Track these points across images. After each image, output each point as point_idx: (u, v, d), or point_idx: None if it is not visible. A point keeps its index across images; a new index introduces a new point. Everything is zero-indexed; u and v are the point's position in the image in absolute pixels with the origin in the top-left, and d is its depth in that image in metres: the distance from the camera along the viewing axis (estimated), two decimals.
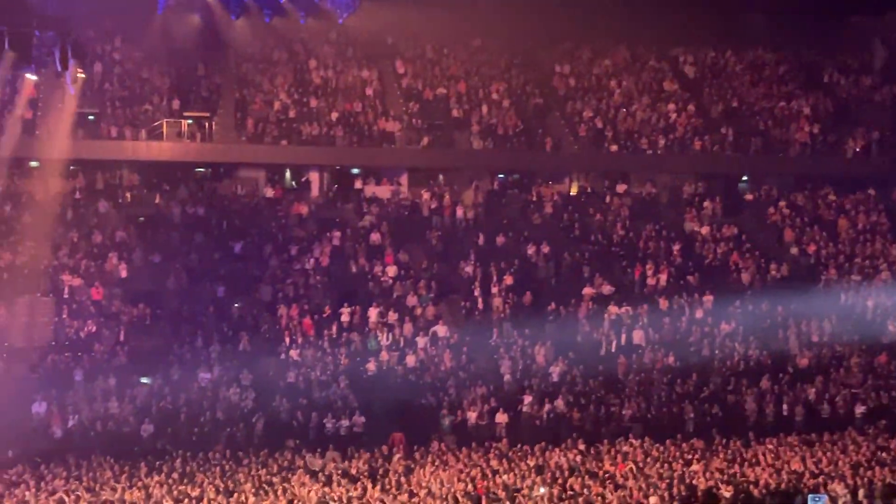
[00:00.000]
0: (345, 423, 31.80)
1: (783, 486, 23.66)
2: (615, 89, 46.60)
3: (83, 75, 30.83)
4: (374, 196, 42.39)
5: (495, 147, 43.61)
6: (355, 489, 25.12)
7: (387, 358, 34.49)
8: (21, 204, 38.77)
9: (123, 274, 37.08)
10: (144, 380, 32.93)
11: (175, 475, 26.81)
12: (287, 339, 35.09)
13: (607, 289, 37.92)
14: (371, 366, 34.18)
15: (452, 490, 24.51)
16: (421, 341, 35.25)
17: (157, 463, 28.13)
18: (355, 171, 43.49)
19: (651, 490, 23.43)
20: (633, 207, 42.66)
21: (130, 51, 44.20)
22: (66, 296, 35.89)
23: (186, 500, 24.16)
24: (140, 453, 29.16)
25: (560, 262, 39.49)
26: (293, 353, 34.50)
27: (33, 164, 39.93)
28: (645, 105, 45.78)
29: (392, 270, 38.52)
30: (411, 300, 37.19)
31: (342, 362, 34.24)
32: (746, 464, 26.62)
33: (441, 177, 44.03)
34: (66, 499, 24.21)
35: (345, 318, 36.12)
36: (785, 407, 32.79)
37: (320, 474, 26.99)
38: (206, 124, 41.78)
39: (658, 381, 33.71)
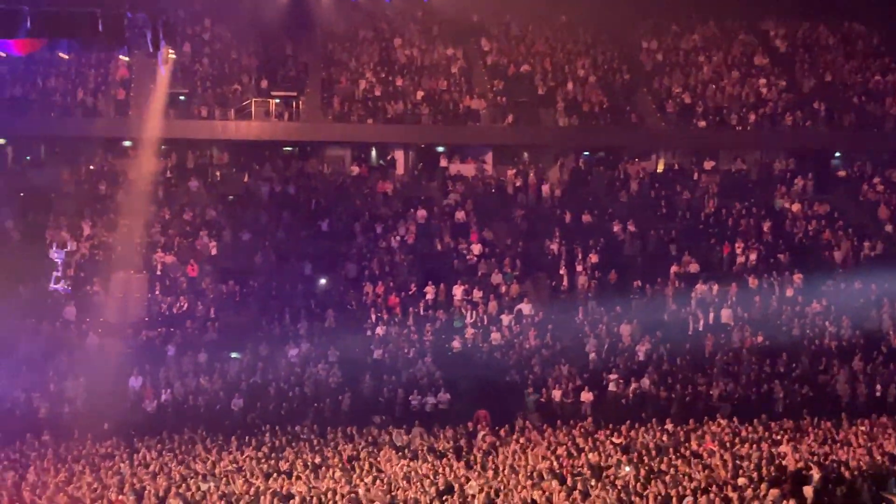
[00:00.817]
0: (430, 399, 31.98)
1: (875, 467, 23.18)
2: (704, 64, 45.91)
3: (174, 56, 31.35)
4: (459, 174, 42.47)
5: (581, 124, 43.31)
6: (441, 465, 25.29)
7: (472, 335, 34.58)
8: (115, 183, 39.72)
9: (213, 251, 37.77)
10: (234, 355, 33.52)
11: (265, 449, 27.28)
12: (373, 316, 35.41)
13: (695, 267, 37.50)
14: (456, 343, 34.32)
15: (537, 468, 24.53)
16: (506, 319, 35.28)
17: (247, 437, 28.61)
18: (440, 148, 43.59)
19: (739, 471, 23.14)
20: (722, 184, 42.03)
21: (220, 31, 44.93)
22: (158, 273, 36.72)
23: (276, 475, 24.59)
24: (230, 427, 29.67)
25: (646, 240, 39.13)
26: (379, 330, 34.81)
27: (127, 143, 40.86)
28: (734, 80, 45.01)
29: (477, 248, 38.57)
30: (496, 278, 37.22)
31: (427, 339, 34.43)
32: (837, 445, 26.14)
33: (526, 154, 43.91)
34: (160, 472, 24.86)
35: (430, 295, 36.32)
36: (878, 388, 32.09)
37: (406, 450, 27.22)
38: (294, 103, 42.26)
39: (747, 361, 33.24)
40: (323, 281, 37.07)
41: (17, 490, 23.79)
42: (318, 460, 25.98)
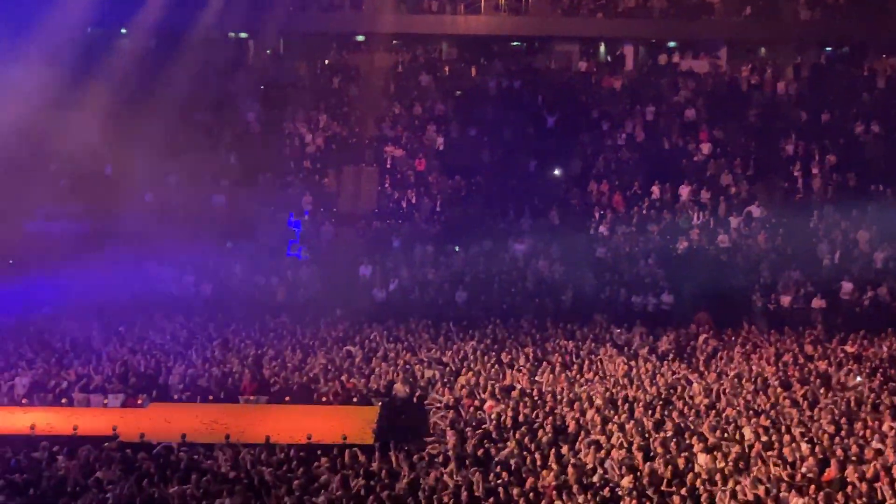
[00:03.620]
0: (652, 300, 31.70)
1: None
2: None
3: None
4: (691, 70, 41.15)
5: (824, 17, 40.91)
6: (662, 367, 25.17)
7: (697, 237, 33.88)
8: (348, 77, 40.75)
9: (441, 146, 38.34)
10: (456, 248, 34.15)
11: (487, 341, 27.88)
12: (597, 215, 35.22)
13: None
14: (681, 244, 33.73)
15: (763, 373, 24.05)
16: (734, 221, 34.32)
17: (470, 329, 29.25)
18: (672, 44, 42.27)
19: None
20: None
21: None
22: (388, 166, 37.67)
23: (498, 366, 25.14)
24: (454, 319, 30.40)
25: (891, 142, 36.89)
26: (602, 229, 34.63)
27: (359, 38, 41.70)
28: None
29: (706, 148, 37.50)
30: (726, 179, 36.15)
31: (652, 239, 33.99)
32: None
33: (763, 50, 42.02)
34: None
35: (655, 194, 35.72)
36: None
37: (627, 350, 27.21)
38: None
39: None
40: (558, 171, 37.03)
41: (258, 367, 25.38)
42: (538, 355, 26.36)
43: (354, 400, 23.67)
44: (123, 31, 39.59)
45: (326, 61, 41.95)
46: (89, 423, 21.45)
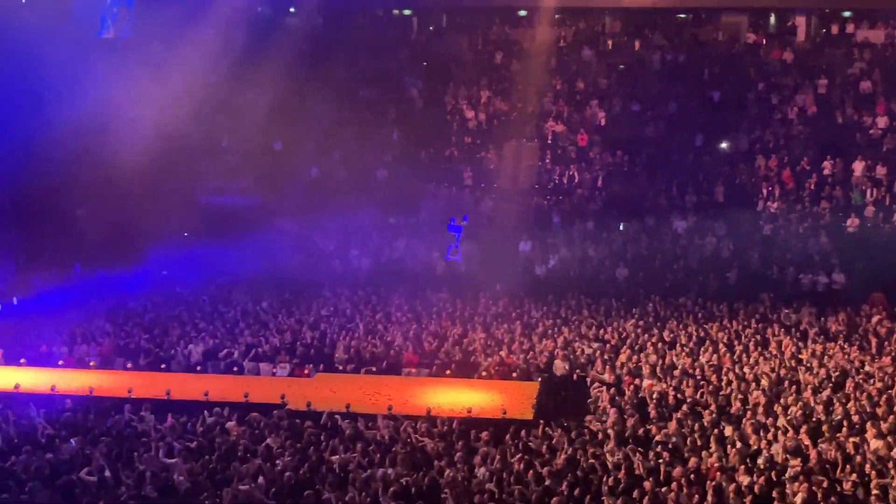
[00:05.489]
0: (822, 279, 30.67)
1: None
2: None
3: None
4: (867, 41, 39.36)
5: None
6: (832, 348, 24.36)
7: (871, 214, 32.56)
8: (510, 52, 40.68)
9: (603, 121, 37.93)
10: (621, 226, 33.79)
11: (648, 319, 27.54)
12: (764, 191, 34.24)
13: None
14: (853, 222, 32.48)
15: None
16: None
17: (631, 307, 28.95)
18: (846, 13, 40.52)
19: None
20: None
21: None
22: (549, 141, 37.52)
23: (660, 345, 24.82)
24: (614, 296, 30.14)
25: None
26: (770, 206, 33.66)
27: (522, 12, 41.53)
28: None
29: (883, 121, 35.88)
30: None
31: (822, 217, 32.85)
32: None
33: None
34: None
35: (827, 170, 34.46)
36: None
37: (794, 330, 26.42)
38: None
39: None
40: (724, 146, 36.18)
41: (419, 341, 25.77)
42: (701, 334, 25.88)
43: (514, 375, 23.75)
44: (292, 9, 40.55)
45: (489, 36, 41.95)
46: (259, 392, 22.18)
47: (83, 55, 32.55)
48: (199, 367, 24.46)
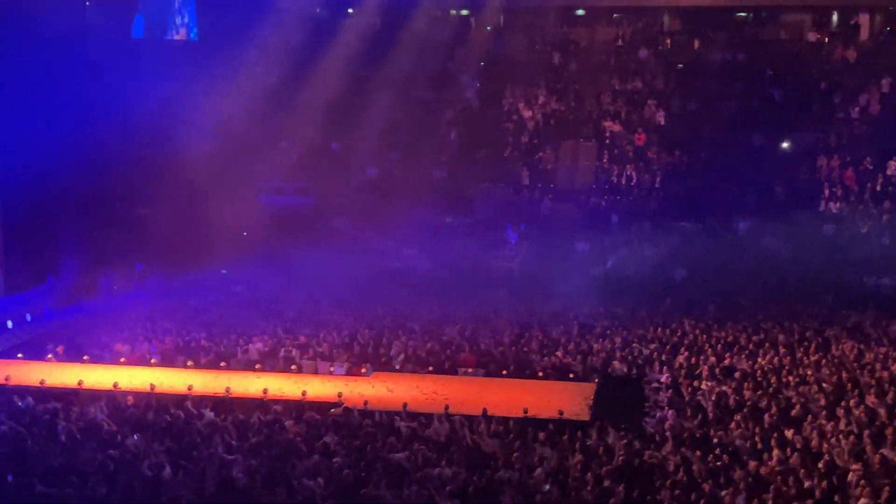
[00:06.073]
0: (886, 281, 30.19)
1: None
2: None
3: None
4: None
5: None
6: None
7: None
8: (568, 52, 40.54)
9: (661, 121, 37.66)
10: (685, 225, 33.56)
11: (707, 320, 27.29)
12: (826, 191, 33.77)
13: None
14: None
15: None
16: None
17: (689, 307, 28.69)
18: None
19: None
20: None
21: None
22: (606, 141, 37.33)
23: (720, 346, 24.58)
24: (672, 296, 29.89)
25: None
26: (832, 206, 33.19)
27: (580, 12, 41.38)
28: None
29: None
30: None
31: (885, 218, 32.31)
32: None
33: None
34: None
35: (891, 170, 33.90)
36: None
37: (857, 332, 26.01)
38: None
39: None
40: (786, 144, 35.76)
41: (475, 340, 25.77)
42: (761, 335, 25.58)
43: (571, 376, 23.66)
44: (350, 10, 40.79)
45: (546, 36, 41.85)
46: (316, 390, 22.35)
47: (148, 57, 33.05)
48: (257, 365, 24.69)
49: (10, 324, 27.77)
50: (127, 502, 16.16)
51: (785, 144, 36.01)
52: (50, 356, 25.32)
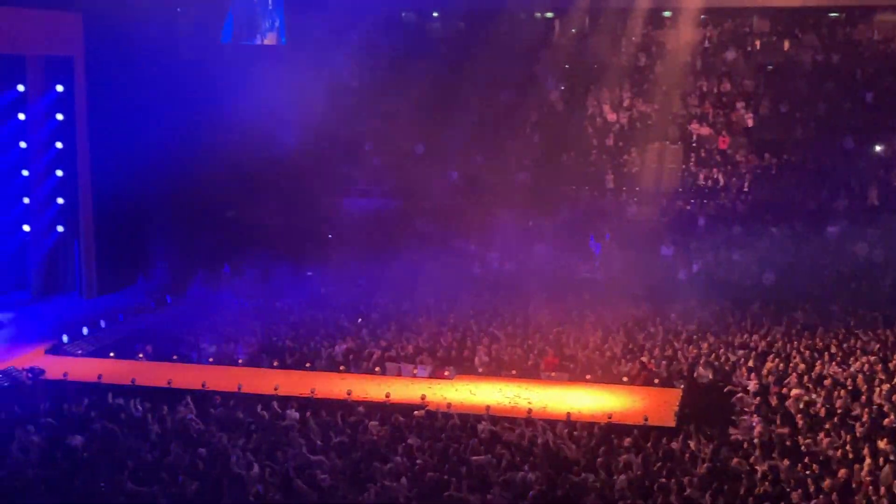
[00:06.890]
0: None
1: None
2: None
3: None
4: None
5: None
6: None
7: None
8: (653, 54, 40.12)
9: (749, 123, 37.07)
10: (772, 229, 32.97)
11: (796, 327, 26.77)
12: None
13: None
14: None
15: None
16: None
17: (778, 313, 28.15)
18: None
19: None
20: None
21: None
22: (693, 144, 36.86)
23: (808, 352, 24.12)
24: (760, 302, 29.37)
25: None
26: None
27: (666, 13, 40.91)
28: None
29: None
30: None
31: None
32: None
33: None
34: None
35: None
36: None
37: None
38: None
39: None
40: (879, 147, 34.93)
41: (559, 345, 25.67)
42: (852, 343, 25.02)
43: (656, 382, 23.43)
44: (435, 14, 40.93)
45: (632, 38, 41.46)
46: (400, 392, 22.48)
47: (239, 62, 33.62)
48: (342, 367, 24.91)
49: (85, 330, 28.18)
50: (215, 500, 16.41)
51: (878, 147, 35.15)
52: (140, 356, 25.90)
